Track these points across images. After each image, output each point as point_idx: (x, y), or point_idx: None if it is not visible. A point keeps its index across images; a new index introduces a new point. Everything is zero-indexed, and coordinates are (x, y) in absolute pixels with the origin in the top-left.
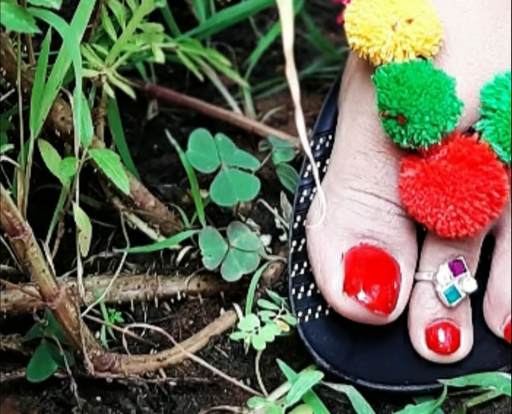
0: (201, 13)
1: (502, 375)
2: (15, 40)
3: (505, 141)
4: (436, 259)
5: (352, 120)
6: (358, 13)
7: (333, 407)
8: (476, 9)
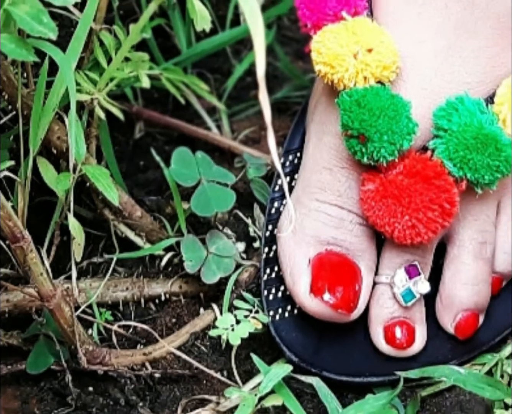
0: (183, 43)
1: (452, 368)
2: (16, 67)
3: (455, 158)
4: (393, 263)
5: (318, 139)
6: (324, 43)
7: (301, 397)
8: (430, 40)
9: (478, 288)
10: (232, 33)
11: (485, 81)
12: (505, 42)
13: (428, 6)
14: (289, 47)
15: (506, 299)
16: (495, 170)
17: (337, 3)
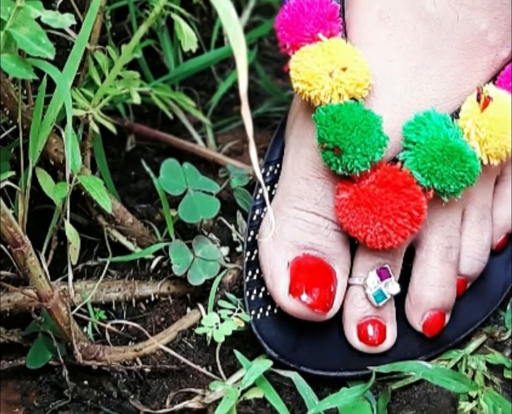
0: (171, 63)
1: (421, 363)
2: (16, 84)
3: (423, 169)
4: (366, 266)
5: (296, 151)
6: (301, 62)
7: (281, 390)
8: (399, 60)
9: (444, 289)
10: (217, 53)
11: (451, 98)
12: (469, 61)
13: (397, 28)
14: (269, 66)
15: (470, 300)
16: (460, 180)
17: (313, 26)
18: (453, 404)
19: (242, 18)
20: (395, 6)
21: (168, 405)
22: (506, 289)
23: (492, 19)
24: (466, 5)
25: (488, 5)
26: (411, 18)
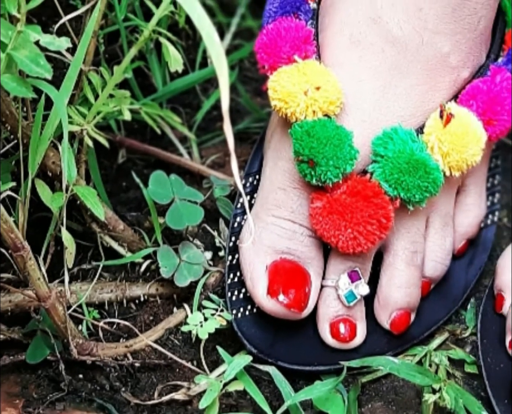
0: (159, 82)
1: (388, 358)
2: (17, 102)
3: (391, 180)
4: (338, 269)
5: (274, 164)
6: (279, 82)
7: (260, 383)
8: (368, 79)
9: (410, 290)
10: (201, 74)
11: (416, 114)
12: (433, 81)
13: (367, 51)
14: (249, 85)
15: (434, 300)
16: (425, 190)
17: (290, 48)
18: (418, 396)
19: (224, 41)
20: (365, 30)
21: (156, 397)
22: (466, 290)
23: (454, 43)
24: (430, 30)
25: (450, 29)
26: (379, 42)
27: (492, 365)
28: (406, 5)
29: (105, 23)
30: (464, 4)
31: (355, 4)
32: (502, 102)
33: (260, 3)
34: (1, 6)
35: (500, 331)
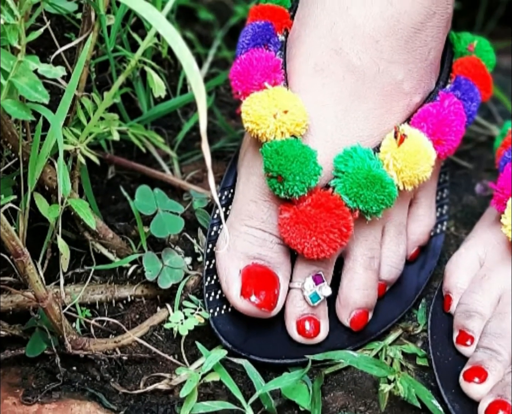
0: (144, 106)
1: (348, 352)
2: (17, 124)
3: (350, 193)
4: (303, 273)
5: (247, 179)
6: (251, 106)
7: (234, 374)
8: (331, 104)
9: (368, 292)
10: (181, 99)
11: (373, 135)
12: (388, 105)
13: (329, 78)
14: (225, 109)
15: (389, 300)
16: (381, 203)
17: (261, 76)
18: (375, 386)
19: (202, 70)
20: (327, 60)
21: (141, 387)
22: (418, 291)
23: (407, 71)
24: (385, 60)
25: (403, 59)
26: (340, 70)
27: (441, 359)
28: (364, 37)
29: (96, 54)
30: (415, 37)
31: (318, 36)
32: (450, 124)
33: (234, 36)
34: (4, 38)
35: (448, 328)
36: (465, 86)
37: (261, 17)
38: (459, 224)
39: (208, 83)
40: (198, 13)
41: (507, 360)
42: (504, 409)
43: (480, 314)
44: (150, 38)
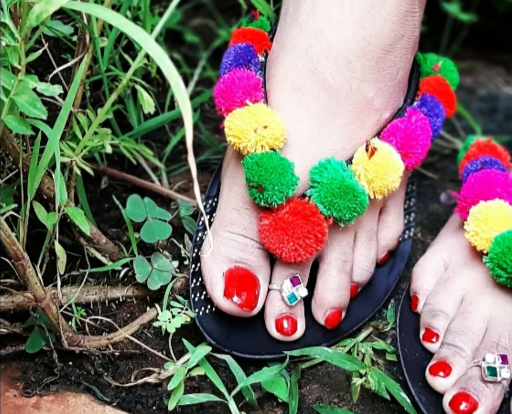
0: (135, 122)
1: (323, 348)
2: (18, 138)
3: (325, 202)
4: (282, 275)
5: (229, 189)
6: (233, 122)
7: (217, 369)
8: (307, 120)
9: (341, 293)
10: (169, 115)
11: (346, 148)
12: (360, 121)
13: (305, 96)
14: (209, 124)
15: (361, 301)
16: (353, 211)
17: (242, 94)
18: (348, 380)
19: (188, 88)
20: (304, 79)
21: (132, 380)
22: (387, 292)
23: (377, 89)
24: (357, 79)
25: (374, 78)
26: (315, 88)
27: (408, 354)
28: (337, 58)
29: (91, 73)
30: (385, 58)
31: (295, 57)
32: (417, 138)
33: (217, 57)
34: (5, 59)
35: (415, 326)
36: (431, 103)
37: (243, 39)
38: (425, 230)
39: (194, 100)
40: (185, 36)
41: (469, 355)
42: (467, 401)
43: (445, 313)
44: (140, 58)
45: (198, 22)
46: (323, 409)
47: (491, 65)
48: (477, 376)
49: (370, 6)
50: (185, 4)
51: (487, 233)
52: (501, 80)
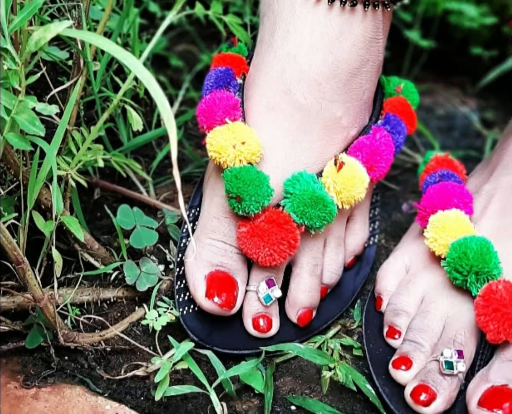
0: (124, 138)
1: (296, 344)
2: (18, 153)
3: (298, 211)
4: (258, 278)
5: (210, 199)
6: (214, 138)
7: (200, 363)
8: (281, 136)
9: (312, 294)
10: (156, 132)
11: (316, 162)
12: (329, 137)
13: (280, 115)
14: (192, 141)
15: (330, 301)
16: (323, 219)
17: (222, 113)
18: (318, 373)
19: (173, 108)
20: (278, 100)
21: (122, 373)
22: (354, 293)
23: (345, 109)
24: (327, 99)
25: (342, 99)
26: (289, 108)
27: (373, 350)
28: (308, 81)
29: (84, 94)
30: (352, 80)
31: (270, 80)
32: (381, 153)
33: (200, 79)
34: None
35: (379, 324)
36: (394, 121)
37: (223, 63)
38: (389, 237)
39: (178, 119)
40: (170, 60)
41: (428, 351)
42: (426, 392)
43: (406, 312)
44: (130, 81)
45: (182, 48)
46: (295, 400)
47: (448, 87)
48: (436, 370)
49: (338, 33)
50: (170, 31)
51: (444, 240)
52: (458, 101)
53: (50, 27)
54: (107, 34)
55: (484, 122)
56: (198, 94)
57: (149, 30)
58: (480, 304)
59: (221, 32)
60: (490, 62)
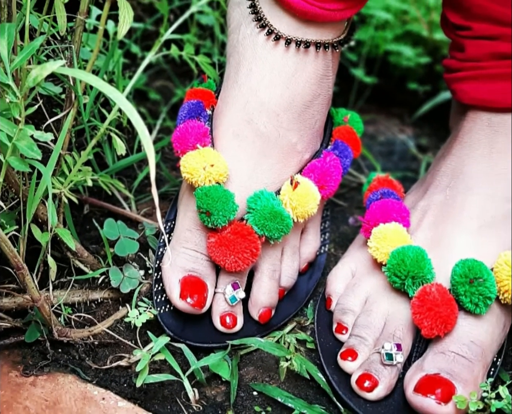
0: (110, 161)
1: (257, 339)
2: (19, 174)
3: (259, 224)
4: (225, 281)
5: (184, 214)
6: (187, 161)
7: (175, 354)
8: (245, 160)
9: (271, 295)
10: (137, 156)
11: (275, 182)
12: (286, 161)
13: (243, 142)
14: (168, 163)
15: (287, 301)
16: (281, 231)
17: (194, 140)
18: (277, 363)
19: (152, 135)
20: (242, 128)
21: (108, 364)
22: (307, 295)
23: (299, 136)
24: (284, 128)
25: (297, 127)
26: (251, 136)
27: (324, 343)
28: (268, 112)
29: (76, 123)
30: (306, 111)
31: (235, 111)
32: (331, 174)
33: (175, 110)
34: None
35: (329, 321)
36: (342, 147)
37: (194, 97)
38: (337, 246)
39: (156, 145)
40: (149, 94)
41: (371, 344)
42: (369, 379)
43: (352, 311)
44: (114, 112)
45: (159, 83)
46: (257, 386)
47: (389, 118)
48: (378, 360)
49: (294, 71)
50: (149, 70)
51: (385, 249)
52: (397, 129)
53: (46, 66)
54: (95, 72)
55: (419, 148)
56: (173, 123)
57: (131, 68)
58: (416, 304)
59: (193, 70)
60: (424, 96)
